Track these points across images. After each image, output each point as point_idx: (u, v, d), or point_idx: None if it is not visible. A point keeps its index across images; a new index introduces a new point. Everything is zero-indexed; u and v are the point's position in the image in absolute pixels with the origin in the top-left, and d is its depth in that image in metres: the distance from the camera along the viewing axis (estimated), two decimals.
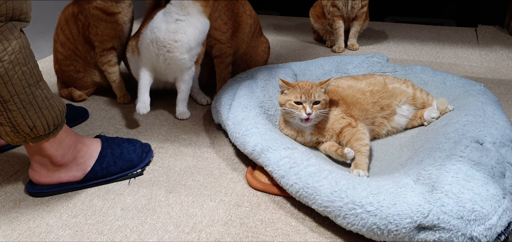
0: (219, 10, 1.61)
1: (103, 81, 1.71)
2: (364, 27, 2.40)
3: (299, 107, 1.20)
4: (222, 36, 1.63)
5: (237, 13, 1.68)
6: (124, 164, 1.18)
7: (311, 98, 1.19)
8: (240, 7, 1.70)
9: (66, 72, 1.67)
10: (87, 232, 0.99)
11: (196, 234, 0.97)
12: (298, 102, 1.20)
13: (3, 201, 1.11)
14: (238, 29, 1.69)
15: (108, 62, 1.61)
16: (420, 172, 0.97)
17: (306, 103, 1.19)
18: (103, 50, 1.59)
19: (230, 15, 1.64)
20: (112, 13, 1.54)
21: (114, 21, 1.55)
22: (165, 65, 1.44)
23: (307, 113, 1.18)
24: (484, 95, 1.35)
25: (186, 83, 1.51)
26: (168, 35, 1.38)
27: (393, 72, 1.67)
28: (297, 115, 1.20)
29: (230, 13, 1.65)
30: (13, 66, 0.91)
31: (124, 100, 1.68)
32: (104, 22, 1.54)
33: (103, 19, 1.53)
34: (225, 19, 1.63)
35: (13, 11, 0.90)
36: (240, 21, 1.69)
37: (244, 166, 1.25)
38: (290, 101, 1.21)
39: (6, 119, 0.95)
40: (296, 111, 1.20)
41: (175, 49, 1.40)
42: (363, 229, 0.89)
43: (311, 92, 1.20)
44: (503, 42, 2.38)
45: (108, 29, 1.55)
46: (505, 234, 0.84)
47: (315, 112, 1.20)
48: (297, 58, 2.15)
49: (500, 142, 1.08)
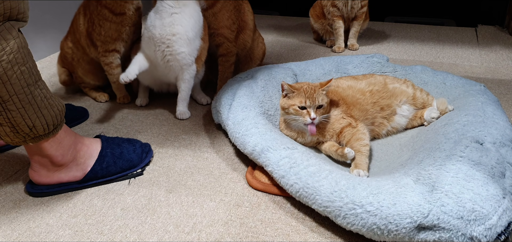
0: (229, 8, 1.63)
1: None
2: (364, 27, 2.40)
3: (303, 112, 1.20)
4: (230, 34, 1.66)
5: (242, 12, 1.71)
6: (124, 164, 1.18)
7: (315, 102, 1.19)
8: (245, 6, 1.73)
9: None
10: (87, 232, 0.99)
11: (196, 234, 0.97)
12: (302, 107, 1.20)
13: (3, 201, 1.11)
14: (245, 27, 1.72)
15: (109, 64, 1.59)
16: (420, 172, 0.97)
17: (310, 108, 1.19)
18: (105, 51, 1.56)
19: (237, 14, 1.67)
20: (119, 13, 1.50)
21: (119, 22, 1.52)
22: (165, 63, 1.43)
23: (311, 118, 1.18)
24: (484, 95, 1.35)
25: (186, 82, 1.50)
26: (164, 30, 1.38)
27: (393, 72, 1.67)
28: (301, 121, 1.20)
29: (237, 12, 1.68)
30: (11, 66, 0.91)
31: (124, 101, 1.68)
32: (109, 22, 1.50)
33: (109, 19, 1.50)
34: (233, 18, 1.65)
35: (10, 11, 0.90)
36: (246, 18, 1.72)
37: (244, 166, 1.25)
38: (294, 106, 1.21)
39: (5, 119, 0.95)
40: (300, 117, 1.20)
41: (174, 43, 1.40)
42: (363, 229, 0.89)
43: (315, 96, 1.19)
44: (503, 42, 2.38)
45: (112, 30, 1.52)
46: (505, 234, 0.83)
47: (318, 117, 1.20)
48: (297, 58, 2.15)
49: (500, 142, 1.08)
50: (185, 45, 1.42)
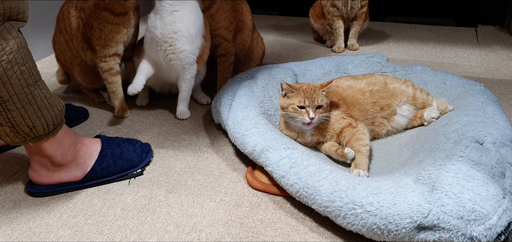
0: (226, 8, 1.64)
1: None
2: (364, 27, 2.40)
3: (302, 112, 1.20)
4: (228, 34, 1.66)
5: (240, 12, 1.72)
6: (124, 164, 1.18)
7: (314, 102, 1.19)
8: (243, 6, 1.74)
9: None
10: (87, 232, 0.99)
11: (196, 234, 0.97)
12: (301, 106, 1.20)
13: (3, 201, 1.11)
14: (243, 27, 1.73)
15: (109, 70, 1.50)
16: (420, 172, 0.97)
17: (309, 107, 1.19)
18: (105, 56, 1.48)
19: (234, 14, 1.68)
20: (120, 14, 1.44)
21: (120, 23, 1.45)
22: (167, 62, 1.43)
23: (310, 117, 1.18)
24: (484, 95, 1.35)
25: (187, 82, 1.50)
26: (165, 29, 1.38)
27: (393, 72, 1.67)
28: (300, 119, 1.20)
29: (234, 12, 1.68)
30: (11, 66, 0.91)
31: (122, 114, 1.56)
32: (110, 24, 1.43)
33: (109, 20, 1.43)
34: (231, 18, 1.66)
35: (10, 11, 0.90)
36: (244, 18, 1.73)
37: (244, 166, 1.25)
38: (293, 105, 1.21)
39: (5, 119, 0.95)
40: (299, 116, 1.20)
41: (176, 41, 1.39)
42: (363, 229, 0.89)
43: (315, 96, 1.20)
44: (503, 42, 2.38)
45: (113, 32, 1.44)
46: (505, 234, 0.83)
47: (317, 116, 1.20)
48: (297, 58, 2.15)
49: (500, 142, 1.08)
50: (187, 43, 1.41)
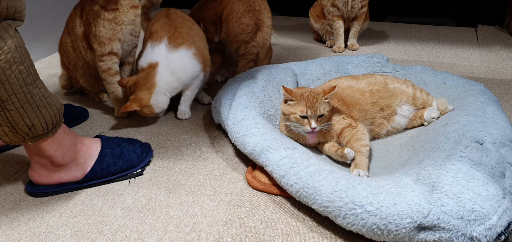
0: (240, 13, 1.67)
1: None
2: (364, 27, 2.40)
3: (304, 121, 1.19)
4: (246, 37, 1.71)
5: (258, 10, 1.73)
6: (124, 164, 1.18)
7: (316, 112, 1.18)
8: (261, 4, 1.76)
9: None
10: (87, 232, 0.99)
11: (196, 234, 0.97)
12: (303, 116, 1.19)
13: (3, 201, 1.11)
14: (262, 25, 1.75)
15: (108, 70, 1.48)
16: (420, 172, 0.97)
17: (311, 118, 1.18)
18: (103, 55, 1.46)
19: (251, 16, 1.70)
20: (111, 10, 1.42)
21: (111, 19, 1.43)
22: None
23: (312, 127, 1.18)
24: (484, 95, 1.35)
25: (191, 90, 1.54)
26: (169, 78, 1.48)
27: (393, 72, 1.67)
28: (302, 129, 1.20)
29: (252, 13, 1.71)
30: (9, 65, 0.91)
31: (122, 115, 1.56)
32: (102, 19, 1.41)
33: (101, 16, 1.41)
34: (247, 21, 1.69)
35: (7, 10, 0.90)
36: (263, 18, 1.75)
37: (244, 166, 1.25)
38: (295, 115, 1.20)
39: (4, 119, 0.95)
40: (301, 125, 1.20)
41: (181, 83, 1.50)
42: (363, 229, 0.89)
43: (317, 106, 1.18)
44: (503, 42, 2.38)
45: (106, 28, 1.42)
46: (505, 234, 0.83)
47: (319, 126, 1.20)
48: (297, 58, 2.15)
49: (500, 142, 1.08)
50: (189, 79, 1.50)
